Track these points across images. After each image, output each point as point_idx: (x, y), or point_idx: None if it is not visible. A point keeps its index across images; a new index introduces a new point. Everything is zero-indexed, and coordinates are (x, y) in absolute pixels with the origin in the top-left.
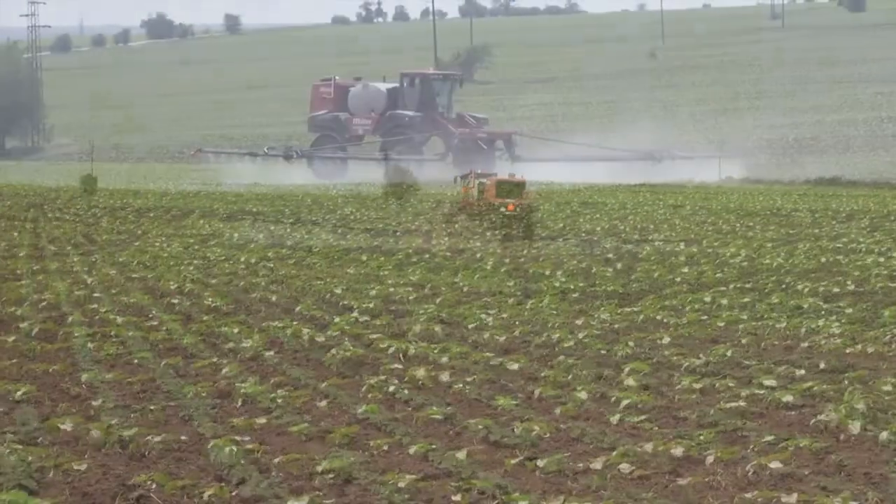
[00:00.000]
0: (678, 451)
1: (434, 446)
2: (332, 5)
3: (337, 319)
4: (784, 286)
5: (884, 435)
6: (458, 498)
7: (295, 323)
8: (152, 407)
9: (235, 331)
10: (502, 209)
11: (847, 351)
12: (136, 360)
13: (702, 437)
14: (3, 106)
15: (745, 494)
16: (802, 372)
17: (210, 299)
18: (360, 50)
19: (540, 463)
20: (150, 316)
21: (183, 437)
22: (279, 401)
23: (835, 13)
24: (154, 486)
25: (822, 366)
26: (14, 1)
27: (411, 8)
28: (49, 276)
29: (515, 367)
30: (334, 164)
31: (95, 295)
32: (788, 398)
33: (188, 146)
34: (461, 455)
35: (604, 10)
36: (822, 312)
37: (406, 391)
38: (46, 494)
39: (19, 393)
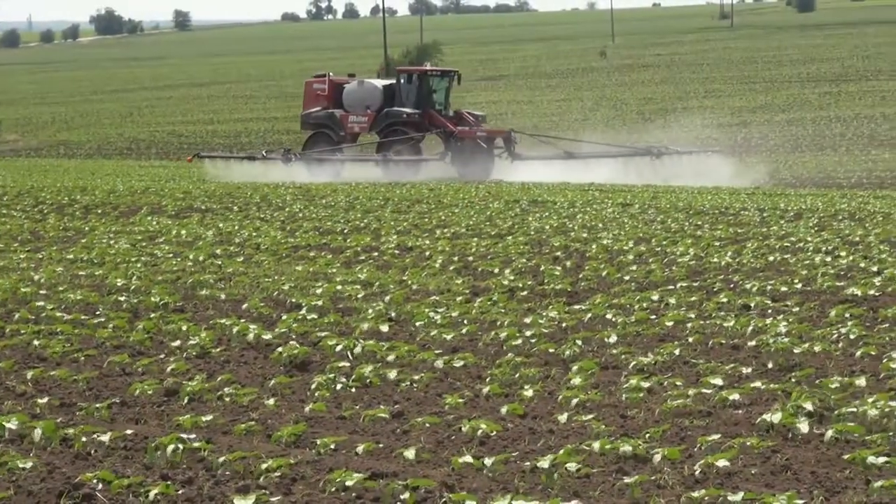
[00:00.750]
0: (625, 449)
1: (381, 444)
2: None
3: (284, 317)
4: (732, 285)
5: (829, 434)
6: (405, 496)
7: (242, 320)
8: (98, 405)
9: (182, 328)
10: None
11: (794, 350)
12: (82, 358)
13: (649, 436)
14: None
15: (692, 493)
16: (749, 371)
17: (157, 297)
18: (311, 47)
19: (487, 461)
20: (97, 313)
21: (128, 432)
22: (226, 399)
23: (784, 13)
24: (100, 484)
25: (769, 365)
26: None
27: (361, 5)
28: None
29: (463, 365)
30: (327, 165)
31: (41, 292)
32: (735, 397)
33: (187, 150)
34: (408, 453)
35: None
36: (770, 311)
37: (353, 389)
38: None
39: None
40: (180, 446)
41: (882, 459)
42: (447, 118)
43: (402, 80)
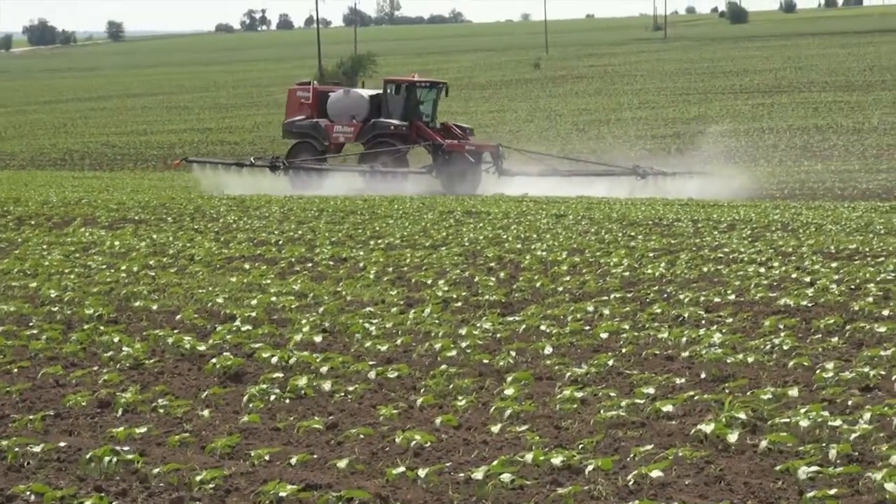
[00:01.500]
0: (558, 460)
1: (315, 456)
2: (215, 13)
3: (218, 328)
4: (666, 296)
5: (763, 444)
6: None
7: (176, 332)
8: (31, 417)
9: (116, 340)
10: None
11: (728, 360)
12: (15, 370)
13: (582, 447)
14: None
15: None
16: (683, 381)
17: (91, 308)
18: (245, 58)
19: (421, 473)
20: (30, 325)
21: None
22: (160, 410)
23: (717, 25)
24: (33, 497)
25: (702, 375)
26: None
27: (295, 16)
28: None
29: (397, 376)
30: (311, 175)
31: None
32: (669, 408)
33: (173, 155)
34: (342, 465)
35: (488, 20)
36: (703, 322)
37: (287, 400)
38: None
39: None
40: (114, 458)
41: (814, 469)
42: (434, 130)
43: (389, 91)
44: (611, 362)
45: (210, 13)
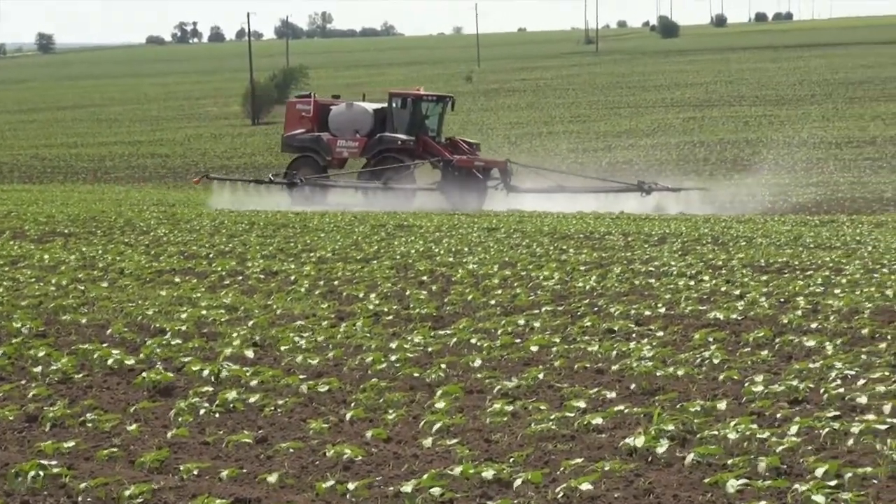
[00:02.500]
0: (488, 473)
1: (245, 470)
2: (146, 25)
3: (148, 342)
4: (596, 309)
5: (692, 457)
6: None
7: (105, 346)
8: None
9: (45, 353)
10: None
11: (658, 374)
12: None
13: (512, 460)
14: None
15: None
16: (613, 394)
17: (19, 322)
18: (176, 70)
19: (351, 486)
20: None
21: None
22: (88, 424)
23: (648, 39)
24: None
25: (632, 388)
26: None
27: (227, 28)
28: None
29: (327, 389)
30: (313, 191)
31: None
32: (599, 421)
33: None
34: (272, 479)
35: (420, 32)
36: (634, 335)
37: (217, 414)
38: None
39: None
40: (41, 473)
41: (742, 482)
42: (441, 146)
43: (394, 105)
44: (541, 375)
45: (141, 25)
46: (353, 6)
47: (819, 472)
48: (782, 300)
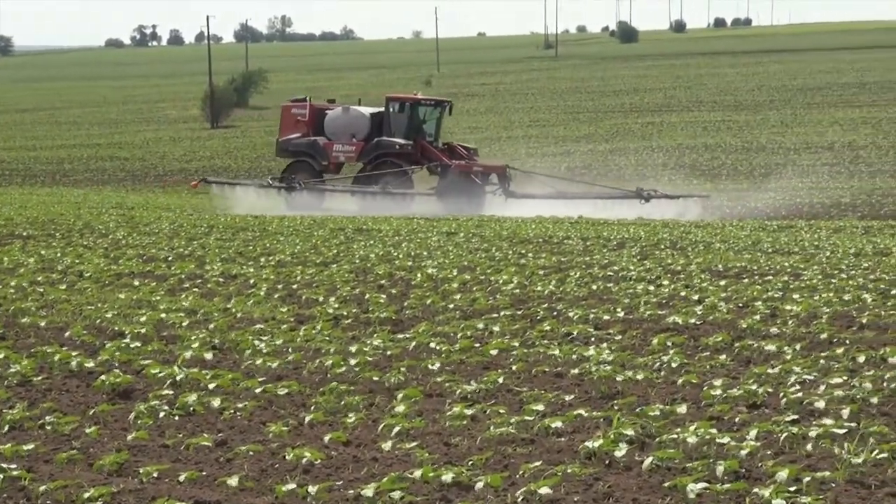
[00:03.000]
0: (448, 477)
1: (204, 473)
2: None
3: (107, 345)
4: (555, 313)
5: (650, 461)
6: None
7: (64, 348)
8: None
9: (3, 356)
10: None
11: (617, 378)
12: None
13: (472, 464)
14: None
15: None
16: (572, 398)
17: None
18: (135, 73)
19: (311, 490)
20: None
21: None
22: (47, 427)
23: (607, 44)
24: None
25: (591, 392)
26: None
27: (186, 32)
28: None
29: (287, 393)
30: (311, 195)
31: None
32: (558, 424)
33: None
34: (232, 482)
35: (380, 37)
36: (593, 339)
37: (176, 417)
38: None
39: None
40: (0, 475)
41: (701, 486)
42: (439, 150)
43: (391, 109)
44: (500, 379)
45: (100, 28)
46: (313, 10)
47: (778, 476)
48: (741, 305)
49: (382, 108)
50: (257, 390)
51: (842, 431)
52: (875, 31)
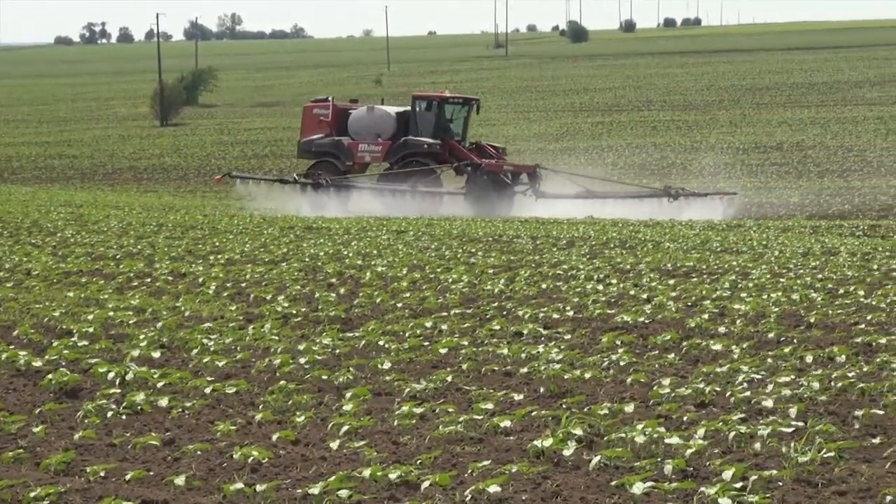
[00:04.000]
0: (396, 475)
1: (152, 472)
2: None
3: (55, 344)
4: (505, 312)
5: (598, 460)
6: None
7: (11, 347)
8: None
9: None
10: None
11: (565, 376)
12: None
13: (420, 462)
14: None
15: None
16: (521, 397)
17: None
18: (85, 71)
19: (259, 488)
20: None
21: None
22: None
23: (557, 44)
24: None
25: (540, 391)
26: None
27: (136, 29)
28: None
29: (235, 391)
30: (330, 194)
31: None
32: (507, 423)
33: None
34: (179, 481)
35: (330, 35)
36: (542, 338)
37: (124, 416)
38: None
39: None
40: None
41: (649, 485)
42: (467, 150)
43: (418, 108)
44: (449, 378)
45: (49, 25)
46: (263, 8)
47: (725, 474)
48: (689, 304)
49: (408, 108)
50: (206, 389)
51: (789, 430)
52: (823, 31)
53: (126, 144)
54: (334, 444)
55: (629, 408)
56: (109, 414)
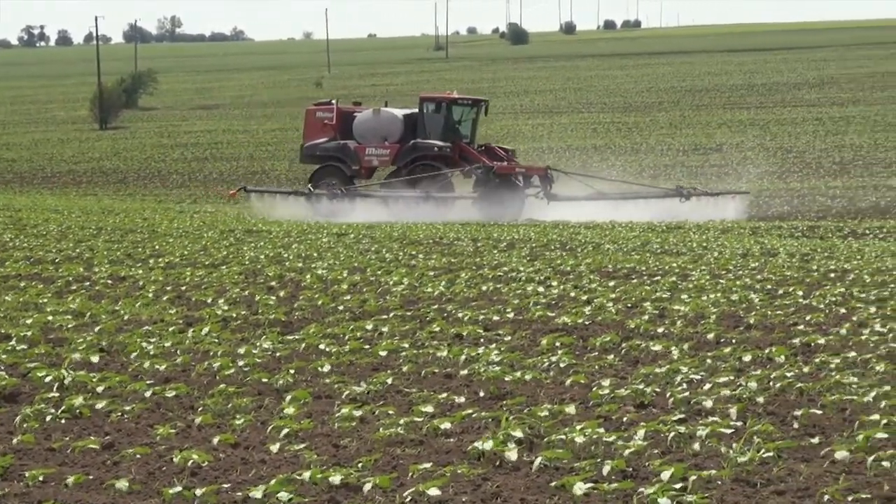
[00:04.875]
0: (336, 478)
1: (91, 476)
2: None
3: None
4: (445, 314)
5: (538, 461)
6: None
7: None
8: None
9: None
10: None
11: (506, 378)
12: None
13: (361, 465)
14: None
15: None
16: (462, 399)
17: None
18: (23, 74)
19: (198, 492)
20: None
21: None
22: None
23: (498, 46)
24: None
25: (481, 393)
26: None
27: (74, 32)
28: None
29: (175, 395)
30: (340, 202)
31: None
32: (447, 425)
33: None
34: (119, 485)
35: (270, 37)
36: (482, 340)
37: (63, 420)
38: None
39: None
40: None
41: (589, 485)
42: (479, 152)
43: (426, 110)
44: (390, 380)
45: None
46: (203, 11)
47: (664, 475)
48: (629, 305)
49: (414, 110)
50: (145, 393)
51: (728, 431)
52: (762, 33)
53: (65, 148)
54: (274, 447)
55: (569, 409)
56: (48, 418)
